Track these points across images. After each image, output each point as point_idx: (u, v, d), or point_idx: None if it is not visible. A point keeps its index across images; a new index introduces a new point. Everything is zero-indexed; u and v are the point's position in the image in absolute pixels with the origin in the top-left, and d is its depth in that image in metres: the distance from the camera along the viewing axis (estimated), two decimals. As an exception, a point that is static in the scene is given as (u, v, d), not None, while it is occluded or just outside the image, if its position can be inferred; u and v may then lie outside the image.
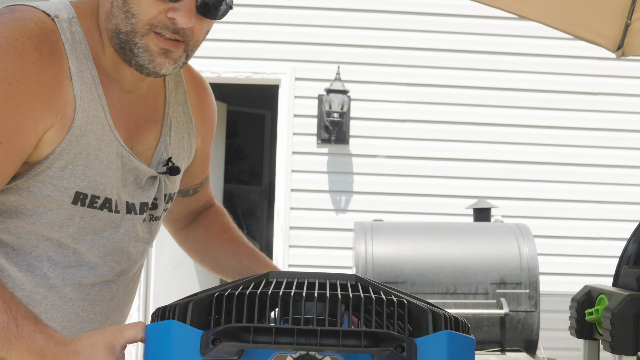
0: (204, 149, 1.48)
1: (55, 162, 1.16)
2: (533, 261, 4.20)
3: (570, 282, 5.10)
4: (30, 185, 1.16)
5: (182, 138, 1.38)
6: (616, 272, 1.72)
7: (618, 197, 5.51)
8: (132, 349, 5.37)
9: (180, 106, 1.38)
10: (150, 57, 1.17)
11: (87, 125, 1.18)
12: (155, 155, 1.32)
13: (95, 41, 1.22)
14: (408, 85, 5.54)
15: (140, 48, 1.17)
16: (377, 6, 5.57)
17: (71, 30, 1.19)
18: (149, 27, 1.16)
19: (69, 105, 1.16)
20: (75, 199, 1.19)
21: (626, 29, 2.53)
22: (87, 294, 1.27)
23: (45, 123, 1.14)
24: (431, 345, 0.83)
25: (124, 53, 1.19)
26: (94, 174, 1.20)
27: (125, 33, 1.17)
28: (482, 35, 5.57)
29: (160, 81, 1.35)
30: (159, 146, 1.33)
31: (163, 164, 1.33)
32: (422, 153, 5.48)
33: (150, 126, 1.32)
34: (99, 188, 1.21)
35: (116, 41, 1.19)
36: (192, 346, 0.85)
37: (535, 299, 4.15)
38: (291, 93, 5.55)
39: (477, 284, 4.16)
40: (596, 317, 1.57)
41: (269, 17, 5.57)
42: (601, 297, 1.58)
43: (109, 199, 1.23)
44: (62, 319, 1.25)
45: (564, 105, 5.58)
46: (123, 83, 1.26)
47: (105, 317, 1.31)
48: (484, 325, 4.13)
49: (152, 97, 1.33)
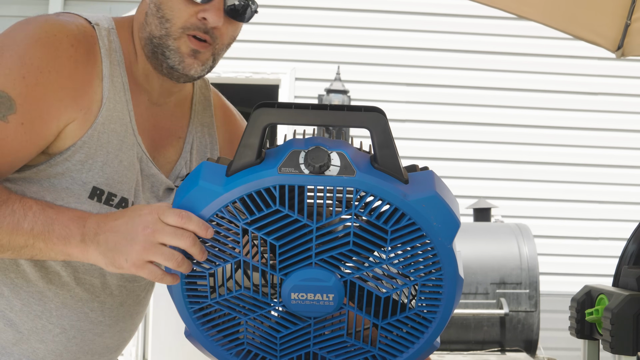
0: None
1: (76, 154, 1.21)
2: (533, 261, 4.20)
3: (570, 282, 5.10)
4: (50, 176, 1.21)
5: (204, 158, 1.42)
6: (616, 272, 1.73)
7: (618, 197, 5.51)
8: (132, 349, 5.38)
9: (205, 128, 1.43)
10: (180, 58, 1.24)
11: (110, 125, 1.24)
12: (175, 169, 1.37)
13: (129, 51, 1.30)
14: (408, 85, 5.54)
15: (172, 50, 1.24)
16: (377, 6, 5.57)
17: (109, 38, 1.27)
18: (182, 30, 1.23)
19: (95, 103, 1.22)
20: (92, 193, 1.23)
21: (626, 29, 2.54)
22: (98, 296, 1.29)
23: (68, 115, 1.19)
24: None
25: (156, 58, 1.26)
26: (112, 172, 1.24)
27: (159, 37, 1.24)
28: (482, 35, 5.57)
29: (187, 101, 1.41)
30: (179, 161, 1.37)
31: (182, 179, 1.37)
32: (422, 153, 5.48)
33: (174, 141, 1.37)
34: (116, 186, 1.25)
35: (149, 47, 1.26)
36: (220, 170, 1.01)
37: (535, 299, 4.15)
38: (291, 93, 5.55)
39: (477, 284, 4.16)
40: (596, 317, 1.57)
41: (269, 17, 5.57)
42: (601, 297, 1.58)
43: (125, 199, 1.26)
44: (72, 318, 1.27)
45: (564, 105, 5.58)
46: (152, 94, 1.32)
47: (115, 322, 1.33)
48: (484, 325, 4.13)
49: (179, 115, 1.39)
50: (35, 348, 1.26)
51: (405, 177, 0.99)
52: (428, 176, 1.02)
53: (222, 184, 0.99)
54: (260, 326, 1.08)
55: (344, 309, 1.07)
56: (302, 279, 1.02)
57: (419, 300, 1.05)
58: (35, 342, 1.25)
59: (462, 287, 1.07)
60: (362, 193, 0.98)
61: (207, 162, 1.02)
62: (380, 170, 0.99)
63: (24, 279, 1.24)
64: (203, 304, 1.06)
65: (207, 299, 1.05)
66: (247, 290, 1.04)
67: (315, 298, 1.03)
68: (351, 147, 1.02)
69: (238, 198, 0.98)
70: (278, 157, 0.99)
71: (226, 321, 1.08)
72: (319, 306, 1.03)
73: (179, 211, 1.00)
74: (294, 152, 0.98)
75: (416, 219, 0.98)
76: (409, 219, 0.99)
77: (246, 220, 0.99)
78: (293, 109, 1.00)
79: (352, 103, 5.42)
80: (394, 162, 0.99)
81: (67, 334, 1.27)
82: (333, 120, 1.00)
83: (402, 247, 1.02)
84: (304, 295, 1.03)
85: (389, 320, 1.07)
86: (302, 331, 1.08)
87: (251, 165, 0.99)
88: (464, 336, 4.13)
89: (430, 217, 0.98)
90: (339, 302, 1.03)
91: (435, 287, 1.04)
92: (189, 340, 1.10)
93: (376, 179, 0.98)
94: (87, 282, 1.28)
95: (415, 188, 0.99)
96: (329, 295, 1.03)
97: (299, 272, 1.02)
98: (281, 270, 1.03)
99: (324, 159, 0.97)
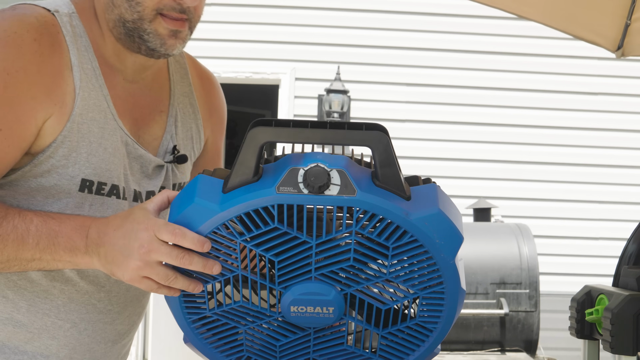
0: (214, 143, 1.49)
1: (58, 150, 1.19)
2: (533, 261, 4.20)
3: (570, 282, 5.10)
4: (37, 176, 1.19)
5: (189, 129, 1.40)
6: (616, 272, 1.72)
7: (618, 197, 5.51)
8: (132, 349, 5.38)
9: (186, 97, 1.40)
10: (161, 41, 1.20)
11: (87, 114, 1.20)
12: (161, 145, 1.34)
13: (95, 34, 1.24)
14: (408, 85, 5.54)
15: (150, 34, 1.19)
16: (377, 6, 5.57)
17: (72, 24, 1.22)
18: (155, 12, 1.19)
19: (68, 94, 1.18)
20: (82, 186, 1.21)
21: (626, 29, 2.54)
22: (103, 286, 1.28)
23: (44, 112, 1.16)
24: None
25: (132, 41, 1.22)
26: (99, 161, 1.21)
27: (132, 21, 1.19)
28: (482, 35, 5.57)
29: (164, 72, 1.37)
30: (165, 136, 1.34)
31: (170, 153, 1.35)
32: (422, 153, 5.48)
33: (156, 116, 1.34)
34: (104, 175, 1.23)
35: (121, 30, 1.21)
36: (216, 186, 0.99)
37: (535, 299, 4.15)
38: (291, 93, 5.55)
39: (477, 284, 4.16)
40: (596, 317, 1.57)
41: (269, 17, 5.57)
42: (601, 297, 1.58)
43: (115, 185, 1.25)
44: (80, 311, 1.27)
45: (564, 105, 5.58)
46: (126, 72, 1.28)
47: (123, 308, 1.33)
48: (484, 325, 4.13)
49: (157, 88, 1.35)
50: (48, 345, 1.25)
51: (407, 194, 0.97)
52: (431, 191, 0.99)
53: (218, 201, 0.96)
54: (260, 335, 1.07)
55: (344, 319, 1.06)
56: (301, 293, 1.01)
57: (420, 312, 1.04)
58: (47, 339, 1.25)
59: (464, 297, 1.06)
60: (363, 212, 0.96)
61: (203, 176, 1.00)
62: (382, 188, 0.97)
63: (26, 280, 1.23)
64: (201, 314, 1.05)
65: (206, 310, 1.05)
66: (245, 302, 1.03)
67: (315, 311, 1.02)
68: (352, 163, 0.99)
69: (235, 216, 0.96)
70: (276, 175, 0.96)
71: (224, 330, 1.07)
72: (319, 319, 1.03)
73: (172, 228, 0.98)
74: (293, 170, 0.96)
75: (418, 236, 0.96)
76: (411, 236, 0.97)
77: (244, 237, 0.98)
78: (291, 128, 0.97)
79: (352, 103, 5.43)
80: (396, 180, 0.97)
81: (77, 327, 1.27)
82: (333, 138, 0.98)
83: (403, 262, 1.00)
84: (304, 308, 1.01)
85: (389, 330, 1.06)
86: (301, 339, 1.07)
87: (248, 182, 0.97)
88: (464, 336, 4.13)
89: (433, 234, 0.96)
90: (339, 315, 1.02)
91: (437, 300, 1.03)
92: (187, 346, 1.10)
93: (377, 198, 0.95)
94: (90, 274, 1.27)
95: (418, 205, 0.96)
96: (329, 308, 1.01)
97: (299, 286, 1.01)
98: (280, 284, 1.01)
99: (324, 179, 0.95)
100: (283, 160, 1.00)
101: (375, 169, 0.97)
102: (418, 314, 1.05)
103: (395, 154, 0.98)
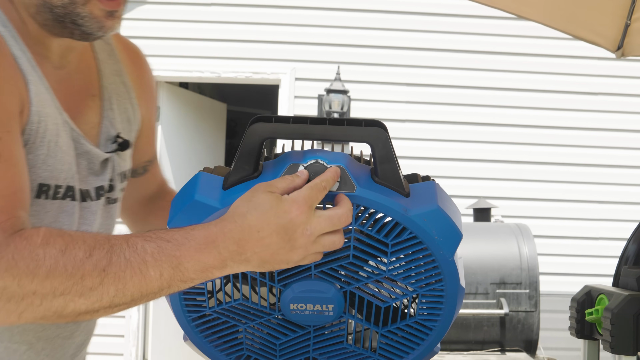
0: (149, 120, 1.40)
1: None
2: (533, 261, 4.20)
3: (570, 282, 5.10)
4: None
5: (125, 110, 1.30)
6: (616, 272, 1.72)
7: (618, 197, 5.51)
8: (132, 349, 5.37)
9: (117, 76, 1.30)
10: (98, 24, 1.11)
11: (43, 110, 1.09)
12: (101, 133, 1.23)
13: (16, 21, 1.12)
14: (408, 85, 5.54)
15: (84, 17, 1.10)
16: (377, 6, 5.56)
17: None
18: None
19: (23, 88, 1.07)
20: (38, 192, 1.10)
21: (626, 29, 2.54)
22: None
23: (20, 104, 1.06)
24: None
25: (63, 27, 1.11)
26: (55, 161, 1.11)
27: (62, 7, 1.09)
28: (482, 35, 5.57)
29: (88, 52, 1.26)
30: (103, 122, 1.24)
31: (112, 141, 1.25)
32: (422, 153, 5.48)
33: (89, 101, 1.23)
34: (60, 177, 1.12)
35: (48, 16, 1.10)
36: (216, 183, 0.98)
37: (535, 299, 4.15)
38: (291, 93, 5.55)
39: (477, 284, 4.16)
40: (596, 317, 1.57)
41: (269, 17, 5.57)
42: (601, 297, 1.58)
43: (71, 187, 1.15)
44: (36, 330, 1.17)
45: (564, 105, 5.58)
46: (53, 59, 1.17)
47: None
48: (484, 325, 4.13)
49: (85, 70, 1.25)
50: None
51: (406, 190, 0.97)
52: (430, 188, 1.00)
53: (218, 198, 0.96)
54: (260, 333, 1.08)
55: (344, 317, 1.06)
56: (301, 291, 1.01)
57: (419, 310, 1.05)
58: None
59: (464, 295, 1.05)
60: (362, 208, 0.97)
61: (204, 173, 1.00)
62: (381, 184, 0.97)
63: None
64: (201, 312, 1.05)
65: (206, 308, 1.05)
66: (245, 300, 1.04)
67: (314, 308, 1.02)
68: (351, 160, 1.00)
69: None
70: (276, 172, 0.97)
71: (225, 328, 1.07)
72: (319, 316, 1.03)
73: (316, 191, 0.94)
74: (292, 167, 0.96)
75: (417, 233, 0.96)
76: (410, 232, 0.97)
77: None
78: (291, 124, 0.98)
79: (352, 103, 5.43)
80: (395, 176, 0.97)
81: (34, 348, 1.17)
82: (332, 135, 0.98)
83: (402, 259, 1.01)
84: (303, 305, 1.02)
85: (389, 328, 1.06)
86: (301, 338, 1.07)
87: (249, 179, 0.97)
88: (463, 336, 4.13)
89: (432, 230, 0.96)
90: (339, 312, 1.03)
91: (437, 298, 1.03)
92: (187, 344, 1.10)
93: (376, 195, 0.95)
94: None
95: (417, 201, 0.97)
96: (329, 305, 1.02)
97: (298, 284, 1.01)
98: (280, 282, 1.02)
99: None
100: (283, 156, 1.00)
101: (375, 165, 0.98)
102: (417, 312, 1.05)
103: (394, 151, 0.98)
